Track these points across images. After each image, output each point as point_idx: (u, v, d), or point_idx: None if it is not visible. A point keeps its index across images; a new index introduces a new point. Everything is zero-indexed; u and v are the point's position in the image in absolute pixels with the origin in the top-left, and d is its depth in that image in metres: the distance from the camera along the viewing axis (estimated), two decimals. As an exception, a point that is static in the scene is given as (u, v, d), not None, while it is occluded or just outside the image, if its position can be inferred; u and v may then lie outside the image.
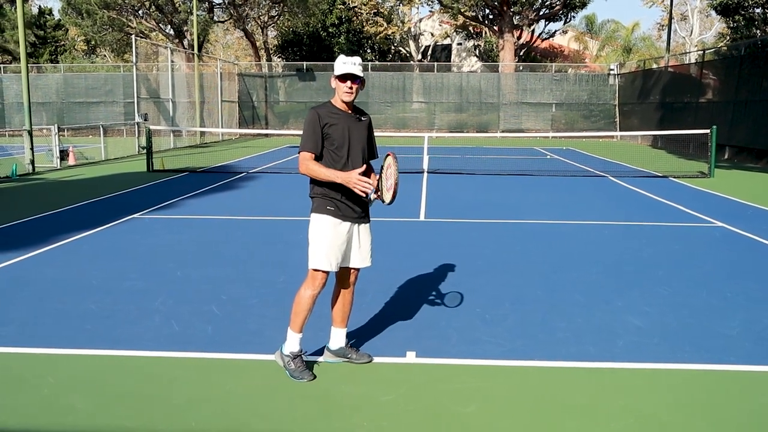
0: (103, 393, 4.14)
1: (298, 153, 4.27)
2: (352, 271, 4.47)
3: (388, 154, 4.22)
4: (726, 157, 22.56)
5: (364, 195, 4.13)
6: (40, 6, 51.57)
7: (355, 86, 4.23)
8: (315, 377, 4.35)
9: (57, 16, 49.58)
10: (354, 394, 4.15)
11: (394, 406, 3.99)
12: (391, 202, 4.21)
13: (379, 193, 4.25)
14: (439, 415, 3.88)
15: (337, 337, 4.59)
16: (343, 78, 4.21)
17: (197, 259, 7.73)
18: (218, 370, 4.53)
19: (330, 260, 4.25)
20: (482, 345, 4.98)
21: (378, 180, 4.29)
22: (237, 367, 4.58)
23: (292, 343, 4.35)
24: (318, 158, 4.25)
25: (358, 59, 4.31)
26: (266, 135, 34.09)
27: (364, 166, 4.30)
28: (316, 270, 4.28)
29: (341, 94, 4.25)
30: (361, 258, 4.41)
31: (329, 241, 4.24)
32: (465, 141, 32.05)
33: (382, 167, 4.29)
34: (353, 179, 4.11)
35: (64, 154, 18.97)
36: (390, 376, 4.40)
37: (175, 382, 4.32)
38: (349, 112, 4.32)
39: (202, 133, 29.58)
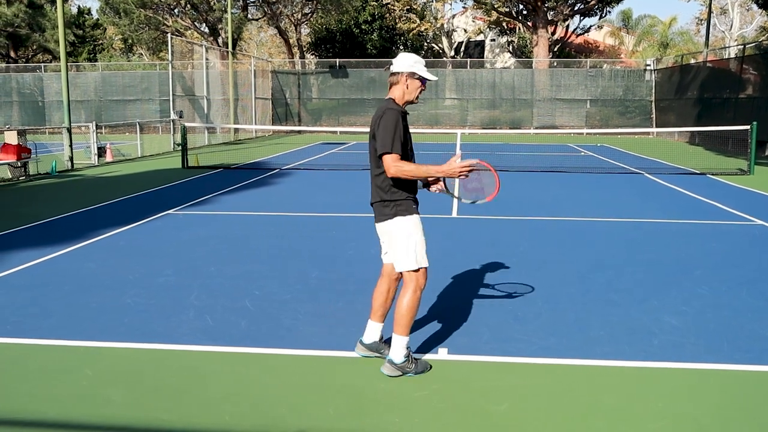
0: (139, 386, 4.21)
1: (382, 155, 4.15)
2: None
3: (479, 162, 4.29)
4: (766, 153, 22.07)
5: (464, 176, 4.24)
6: (79, 6, 52.51)
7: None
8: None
9: (95, 15, 50.46)
10: (386, 390, 4.15)
11: (426, 402, 3.99)
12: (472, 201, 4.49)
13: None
14: (471, 412, 3.87)
15: (374, 332, 4.57)
16: (422, 81, 4.31)
17: (231, 254, 7.81)
18: (252, 364, 4.57)
19: (425, 256, 4.33)
20: (514, 343, 4.95)
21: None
22: (271, 362, 4.62)
23: (402, 346, 4.30)
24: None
25: None
26: (299, 132, 34.27)
27: None
28: (418, 269, 4.28)
29: (413, 94, 4.32)
30: None
31: (422, 237, 4.31)
32: (498, 137, 31.85)
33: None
34: (455, 167, 4.20)
35: (101, 151, 19.29)
36: (423, 373, 4.40)
37: (209, 375, 4.37)
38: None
39: (236, 130, 29.84)
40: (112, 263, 7.37)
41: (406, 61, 4.29)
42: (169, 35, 26.34)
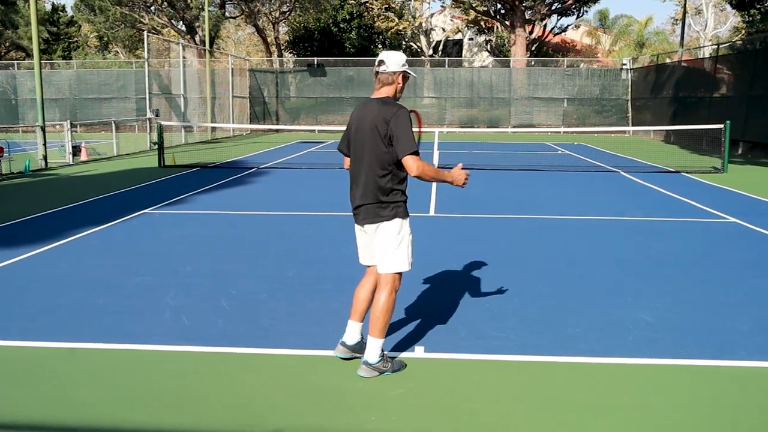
0: (113, 387, 4.17)
1: (404, 156, 4.13)
2: None
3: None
4: (740, 152, 22.39)
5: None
6: (53, 2, 51.94)
7: None
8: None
9: (70, 12, 49.91)
10: (363, 389, 4.15)
11: (402, 401, 3.99)
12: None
13: None
14: (447, 410, 3.88)
15: (356, 332, 4.53)
16: (407, 78, 4.35)
17: (207, 254, 7.76)
18: (229, 364, 4.55)
19: (411, 259, 4.40)
20: (491, 340, 4.98)
21: None
22: (248, 362, 4.60)
23: (378, 347, 4.30)
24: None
25: None
26: (277, 130, 34.14)
27: None
28: (399, 273, 4.33)
29: (400, 92, 4.35)
30: None
31: (411, 241, 4.37)
32: (476, 136, 31.97)
33: None
34: (463, 175, 4.36)
35: (76, 150, 19.06)
36: (399, 371, 4.40)
37: (186, 376, 4.34)
38: None
39: (213, 129, 29.65)
40: (87, 263, 7.30)
41: (399, 60, 4.27)
42: (145, 33, 26.09)
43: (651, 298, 6.04)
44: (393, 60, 4.25)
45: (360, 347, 4.54)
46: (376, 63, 4.29)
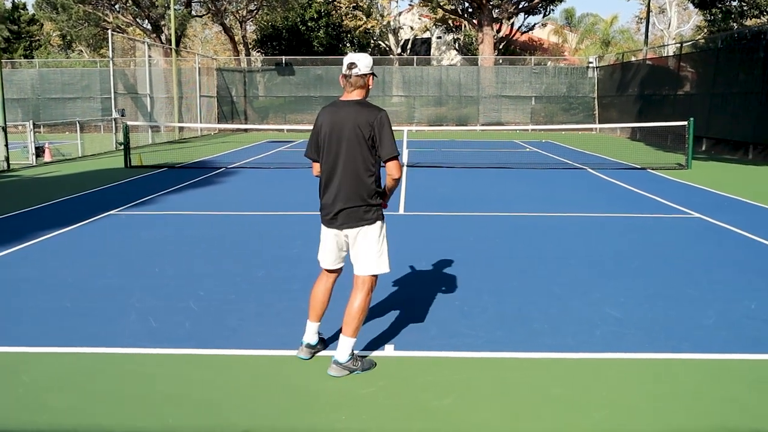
0: (79, 391, 4.10)
1: (388, 161, 4.23)
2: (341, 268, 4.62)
3: None
4: (703, 148, 22.78)
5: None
6: (13, 0, 50.85)
7: None
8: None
9: (31, 10, 48.95)
10: (333, 388, 4.14)
11: (372, 399, 3.98)
12: None
13: None
14: (417, 407, 3.88)
15: (315, 332, 4.58)
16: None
17: (175, 255, 7.67)
18: (197, 366, 4.50)
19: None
20: (461, 338, 4.99)
21: None
22: (216, 363, 4.55)
23: (350, 347, 4.30)
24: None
25: None
26: (245, 130, 33.89)
27: None
28: (377, 275, 4.39)
29: (368, 93, 4.40)
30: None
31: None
32: (445, 134, 32.07)
33: None
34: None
35: (39, 151, 18.73)
36: (369, 370, 4.39)
37: (152, 378, 4.28)
38: None
39: (181, 129, 29.33)
40: (51, 266, 7.16)
41: (369, 62, 4.29)
42: (109, 32, 25.71)
43: (618, 293, 6.11)
44: (364, 62, 4.25)
45: (319, 346, 4.63)
46: (346, 66, 4.24)
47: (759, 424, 3.70)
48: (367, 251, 4.30)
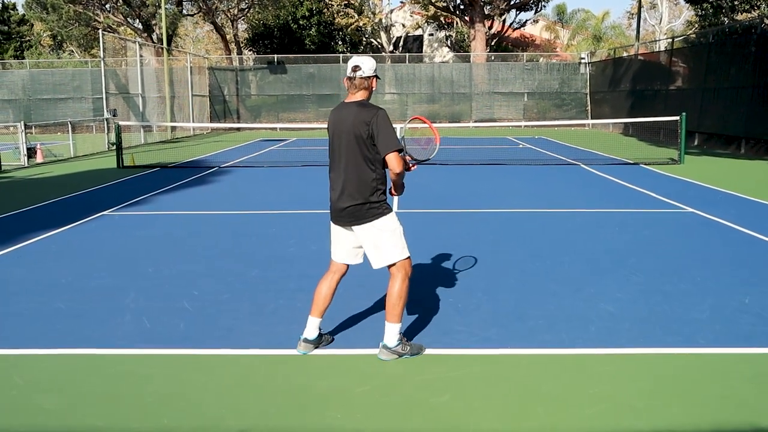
0: (73, 393, 4.08)
1: (388, 153, 4.30)
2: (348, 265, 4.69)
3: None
4: (696, 143, 22.84)
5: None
6: (3, 1, 50.59)
7: None
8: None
9: (21, 11, 48.69)
10: (328, 387, 4.13)
11: (368, 397, 3.98)
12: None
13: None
14: (413, 405, 3.88)
15: (316, 327, 4.63)
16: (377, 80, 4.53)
17: (168, 255, 7.65)
18: (191, 366, 4.49)
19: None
20: (455, 335, 4.99)
21: None
22: (210, 364, 4.54)
23: (396, 332, 4.48)
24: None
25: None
26: (238, 129, 33.81)
27: None
28: (405, 259, 4.49)
29: (372, 94, 4.52)
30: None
31: (402, 230, 4.50)
32: (437, 131, 31.95)
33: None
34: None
35: (31, 152, 18.63)
36: (364, 368, 4.39)
37: (147, 379, 4.27)
38: None
39: (173, 128, 29.25)
40: (44, 267, 7.13)
41: (372, 65, 4.43)
42: (100, 31, 25.60)
43: (612, 289, 6.12)
44: (367, 65, 4.41)
45: (319, 341, 4.66)
46: (350, 68, 4.41)
47: (754, 419, 3.71)
48: (380, 244, 4.43)
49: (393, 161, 4.30)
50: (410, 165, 4.64)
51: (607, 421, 3.68)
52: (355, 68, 4.38)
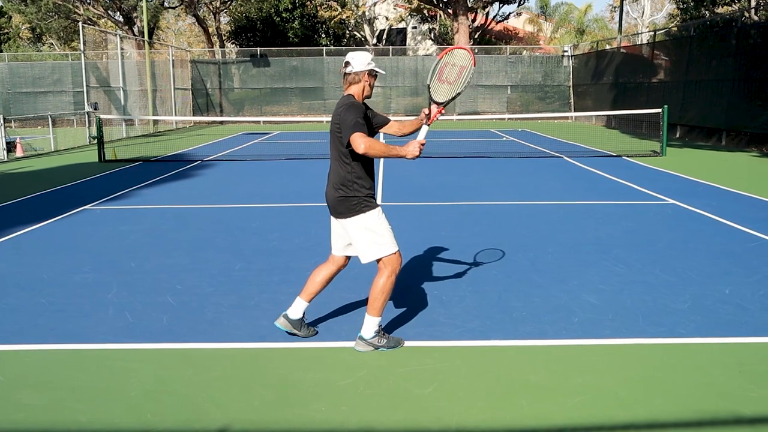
0: (56, 388, 4.05)
1: (348, 137, 4.23)
2: (347, 258, 4.71)
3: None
4: (677, 135, 23.01)
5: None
6: (-19, -7, 49.86)
7: None
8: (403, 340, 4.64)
9: None
10: (312, 379, 4.13)
11: (352, 390, 3.98)
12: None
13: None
14: (397, 397, 3.89)
15: (300, 308, 4.68)
16: (374, 76, 4.51)
17: (151, 249, 7.60)
18: (174, 360, 4.47)
19: (394, 240, 4.50)
20: (440, 327, 5.00)
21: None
22: (194, 357, 4.52)
23: (374, 324, 4.50)
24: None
25: None
26: (221, 122, 33.64)
27: None
28: (390, 255, 4.46)
29: (371, 90, 4.53)
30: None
31: (387, 224, 4.49)
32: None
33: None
34: (417, 147, 4.51)
35: (11, 146, 18.44)
36: (348, 361, 4.39)
37: (130, 374, 4.24)
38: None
39: (155, 122, 29.05)
40: (25, 262, 7.06)
41: (364, 60, 4.44)
42: (80, 24, 25.33)
43: (595, 280, 6.16)
44: (358, 60, 4.44)
45: (299, 324, 4.69)
46: (343, 64, 4.46)
47: (735, 407, 3.75)
48: (359, 241, 4.45)
49: (355, 141, 4.21)
50: (432, 115, 4.78)
51: (591, 411, 3.71)
52: (346, 64, 4.46)
